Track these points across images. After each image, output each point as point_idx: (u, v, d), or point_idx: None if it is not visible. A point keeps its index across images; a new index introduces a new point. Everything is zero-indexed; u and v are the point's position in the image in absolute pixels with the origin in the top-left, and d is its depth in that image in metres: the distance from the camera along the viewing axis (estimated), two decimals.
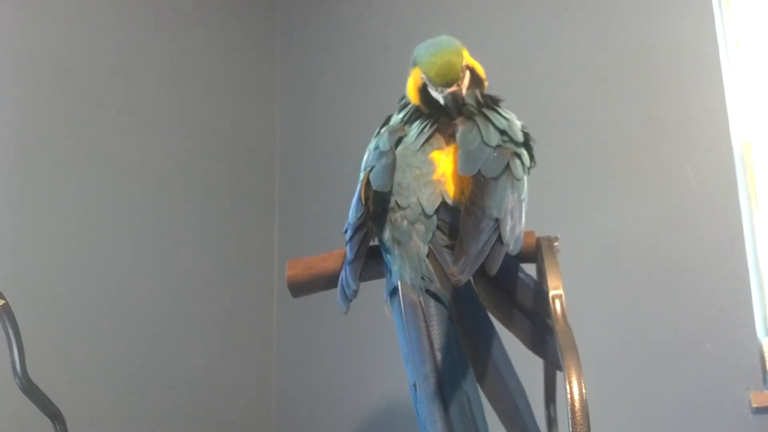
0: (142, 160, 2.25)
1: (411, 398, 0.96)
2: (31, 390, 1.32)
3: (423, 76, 1.12)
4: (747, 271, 1.67)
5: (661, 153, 1.83)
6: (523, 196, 1.08)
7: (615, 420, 1.71)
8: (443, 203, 1.05)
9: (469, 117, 1.11)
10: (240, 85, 2.64)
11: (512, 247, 1.00)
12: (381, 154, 1.12)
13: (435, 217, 1.05)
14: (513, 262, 1.07)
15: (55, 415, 1.34)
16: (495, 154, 1.06)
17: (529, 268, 1.08)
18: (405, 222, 1.04)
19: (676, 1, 1.86)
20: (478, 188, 1.02)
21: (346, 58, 2.58)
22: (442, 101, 1.12)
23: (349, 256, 1.06)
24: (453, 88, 1.11)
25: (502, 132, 1.10)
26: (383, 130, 1.18)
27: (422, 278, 1.01)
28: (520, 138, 1.12)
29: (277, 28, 2.83)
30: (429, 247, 1.04)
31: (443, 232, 1.07)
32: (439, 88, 1.11)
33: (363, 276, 1.10)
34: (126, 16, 2.29)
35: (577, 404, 0.84)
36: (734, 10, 1.86)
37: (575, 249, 1.73)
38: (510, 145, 1.09)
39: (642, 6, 1.92)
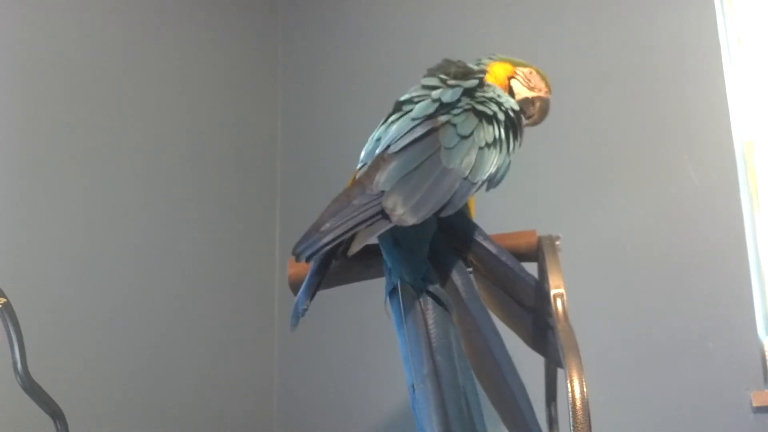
0: (144, 160, 2.25)
1: (410, 399, 0.95)
2: (32, 388, 1.32)
3: (525, 70, 1.31)
4: (748, 270, 1.67)
5: (662, 152, 1.83)
6: (450, 164, 1.01)
7: (616, 419, 1.71)
8: None
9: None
10: (242, 84, 2.64)
11: (409, 218, 0.92)
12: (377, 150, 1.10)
13: (436, 217, 1.04)
14: (514, 260, 1.07)
15: (56, 413, 1.34)
16: (416, 128, 1.05)
17: (530, 268, 1.08)
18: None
19: (678, 0, 1.86)
20: (372, 166, 1.01)
21: (348, 57, 2.58)
22: (530, 95, 1.30)
23: (312, 265, 1.01)
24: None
25: (437, 101, 1.10)
26: (392, 120, 1.15)
27: (423, 279, 1.01)
28: (460, 104, 1.10)
29: (279, 28, 2.82)
30: (430, 247, 1.04)
31: (445, 233, 1.07)
32: (542, 90, 1.31)
33: (364, 274, 1.10)
34: (127, 16, 2.29)
35: (578, 403, 0.84)
36: (736, 9, 1.86)
37: (576, 248, 1.73)
38: (443, 117, 1.07)
39: (644, 5, 1.92)
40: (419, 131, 1.04)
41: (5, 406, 1.73)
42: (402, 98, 1.19)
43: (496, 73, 1.27)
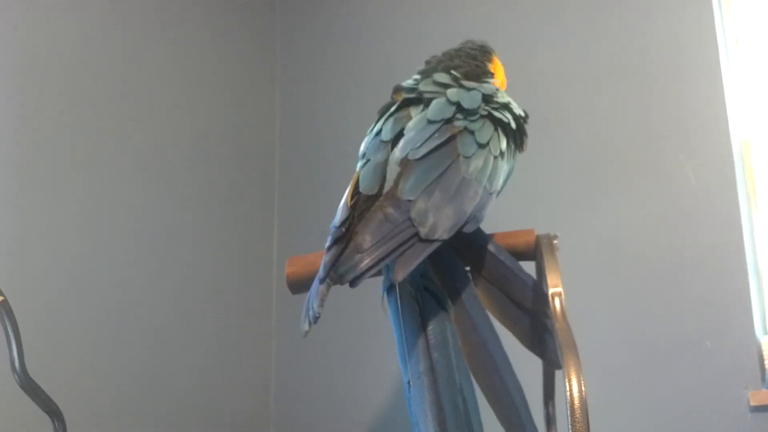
0: (143, 158, 2.25)
1: (405, 395, 0.95)
2: (30, 387, 1.32)
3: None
4: (746, 270, 1.67)
5: (660, 152, 1.83)
6: (468, 174, 1.00)
7: (614, 418, 1.72)
8: None
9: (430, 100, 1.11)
10: (240, 83, 2.64)
11: (438, 230, 0.92)
12: (380, 146, 1.09)
13: None
14: (512, 260, 1.07)
15: (54, 411, 1.34)
16: (435, 134, 1.03)
17: (528, 266, 1.08)
18: None
19: (676, 0, 1.86)
20: (399, 174, 0.99)
21: (347, 55, 2.58)
22: None
23: (321, 272, 0.96)
24: None
25: (455, 104, 1.08)
26: (390, 112, 1.14)
27: (421, 276, 1.00)
28: (479, 110, 1.08)
29: (278, 26, 2.82)
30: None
31: None
32: None
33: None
34: (126, 16, 2.29)
35: (576, 402, 0.84)
36: (734, 9, 1.86)
37: (575, 247, 1.74)
38: (460, 123, 1.05)
39: (642, 5, 1.92)
40: (438, 139, 1.02)
41: (3, 404, 1.73)
42: (404, 85, 1.17)
43: (499, 66, 1.28)
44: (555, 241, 1.06)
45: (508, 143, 1.10)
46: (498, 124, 1.09)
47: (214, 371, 2.33)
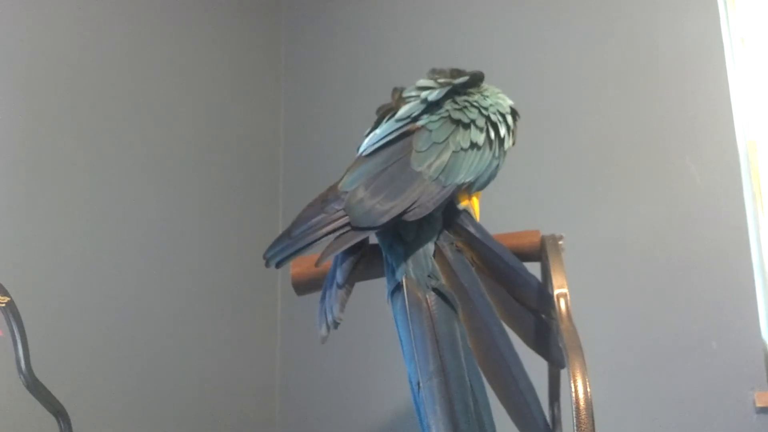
0: (147, 159, 2.25)
1: (412, 398, 0.94)
2: (35, 387, 1.32)
3: None
4: (752, 270, 1.66)
5: (665, 152, 1.82)
6: (420, 167, 1.01)
7: (619, 419, 1.71)
8: (450, 202, 1.04)
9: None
10: (245, 82, 2.64)
11: (368, 219, 0.95)
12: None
13: (441, 216, 1.04)
14: (517, 261, 1.07)
15: (59, 412, 1.34)
16: (394, 131, 1.06)
17: (533, 267, 1.08)
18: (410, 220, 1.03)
19: (681, 0, 1.86)
20: (348, 169, 1.03)
21: (351, 55, 2.58)
22: None
23: (339, 278, 1.01)
24: None
25: (424, 101, 1.09)
26: (389, 115, 1.14)
27: (428, 276, 1.00)
28: (441, 109, 1.09)
29: (283, 26, 2.83)
30: (435, 245, 1.04)
31: (450, 231, 1.06)
32: None
33: (367, 274, 1.10)
34: (130, 14, 2.29)
35: (581, 403, 0.83)
36: (739, 9, 1.85)
37: (580, 248, 1.73)
38: (422, 122, 1.07)
39: (647, 4, 1.91)
40: (394, 135, 1.05)
41: (9, 404, 1.73)
42: (404, 94, 1.18)
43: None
44: (560, 242, 1.05)
45: (476, 140, 1.09)
46: (458, 123, 1.09)
47: (219, 372, 2.33)
